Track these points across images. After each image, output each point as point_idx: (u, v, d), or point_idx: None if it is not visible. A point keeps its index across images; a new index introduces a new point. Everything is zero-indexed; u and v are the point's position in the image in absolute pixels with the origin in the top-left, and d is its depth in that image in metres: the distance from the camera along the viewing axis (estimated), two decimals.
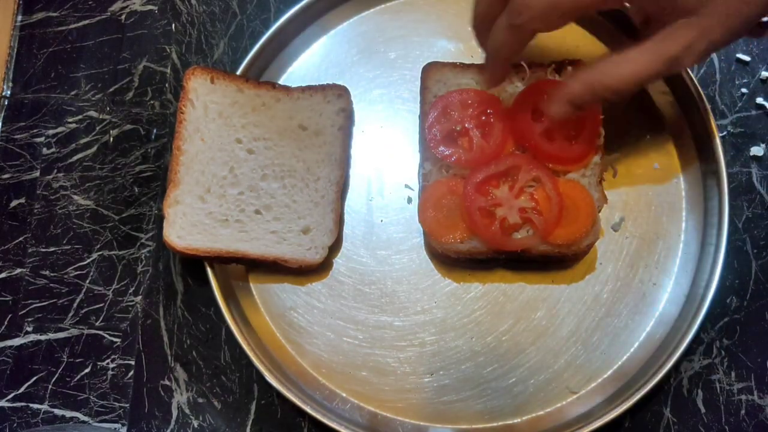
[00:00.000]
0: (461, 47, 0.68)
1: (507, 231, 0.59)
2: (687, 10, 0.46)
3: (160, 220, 0.65)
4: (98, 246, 0.67)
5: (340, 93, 0.66)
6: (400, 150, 0.67)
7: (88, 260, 0.66)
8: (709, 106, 0.63)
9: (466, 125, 0.61)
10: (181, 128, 0.64)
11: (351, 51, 0.70)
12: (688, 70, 0.63)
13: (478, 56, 0.66)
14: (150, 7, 0.73)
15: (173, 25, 0.72)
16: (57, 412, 0.63)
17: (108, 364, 0.64)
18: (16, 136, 0.70)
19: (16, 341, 0.65)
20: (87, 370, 0.64)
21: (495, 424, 0.60)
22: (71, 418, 0.63)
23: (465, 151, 0.61)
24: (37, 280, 0.66)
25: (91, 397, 0.63)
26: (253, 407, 0.62)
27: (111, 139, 0.70)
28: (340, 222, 0.64)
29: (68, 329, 0.65)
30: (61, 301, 0.66)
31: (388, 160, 0.67)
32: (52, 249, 0.67)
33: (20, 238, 0.67)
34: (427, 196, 0.61)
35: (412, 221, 0.64)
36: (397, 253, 0.65)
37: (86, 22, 0.73)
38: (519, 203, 0.59)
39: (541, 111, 0.60)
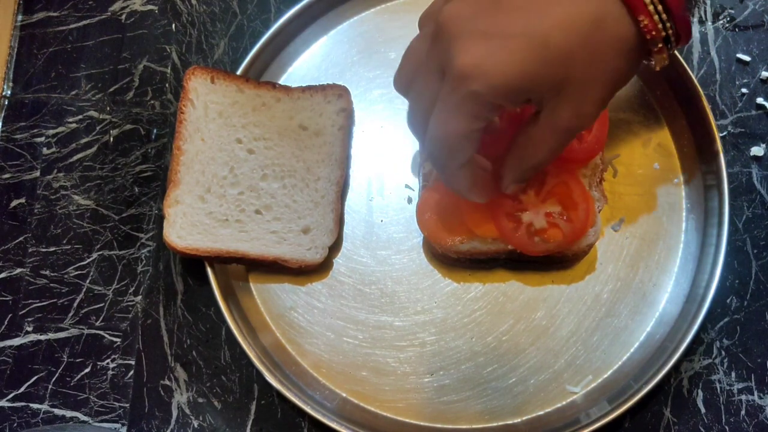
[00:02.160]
0: None
1: (532, 235, 0.59)
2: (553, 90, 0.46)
3: (160, 220, 0.65)
4: (98, 246, 0.67)
5: (341, 93, 0.66)
6: (400, 150, 0.67)
7: (88, 260, 0.66)
8: (709, 106, 0.63)
9: None
10: (181, 128, 0.64)
11: (351, 51, 0.70)
12: (688, 70, 0.63)
13: None
14: (150, 7, 0.73)
15: (173, 25, 0.72)
16: (57, 412, 0.63)
17: (108, 364, 0.64)
18: (16, 136, 0.70)
19: (16, 341, 0.65)
20: (87, 370, 0.64)
21: (495, 424, 0.60)
22: (71, 418, 0.63)
23: None
24: (37, 280, 0.66)
25: (91, 397, 0.63)
26: (253, 407, 0.62)
27: (111, 139, 0.70)
28: (340, 222, 0.64)
29: (68, 329, 0.65)
30: (61, 301, 0.66)
31: (388, 160, 0.67)
32: (52, 249, 0.67)
33: (20, 238, 0.67)
34: (425, 200, 0.61)
35: (412, 221, 0.64)
36: (397, 253, 0.65)
37: (86, 22, 0.73)
38: (545, 208, 0.59)
39: None
